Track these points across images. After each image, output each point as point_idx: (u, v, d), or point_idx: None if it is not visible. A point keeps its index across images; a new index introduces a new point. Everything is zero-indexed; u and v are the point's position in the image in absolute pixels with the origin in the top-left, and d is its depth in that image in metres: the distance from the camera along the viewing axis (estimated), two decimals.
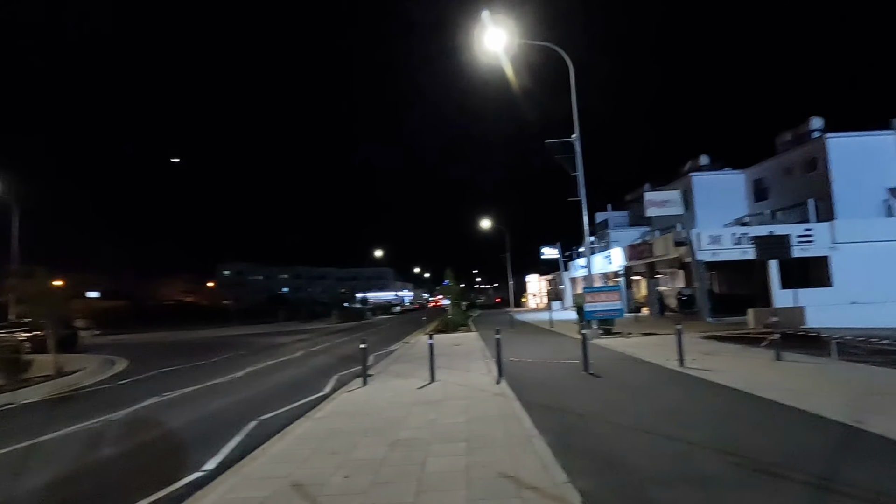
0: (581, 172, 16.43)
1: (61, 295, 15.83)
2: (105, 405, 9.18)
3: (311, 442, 5.91)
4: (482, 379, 9.72)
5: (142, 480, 5.12)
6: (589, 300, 15.53)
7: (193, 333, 34.68)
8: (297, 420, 7.14)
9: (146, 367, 14.91)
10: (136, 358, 18.13)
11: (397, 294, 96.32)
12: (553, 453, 4.96)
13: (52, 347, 13.48)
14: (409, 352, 15.49)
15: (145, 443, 6.72)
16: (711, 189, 33.02)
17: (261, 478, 4.78)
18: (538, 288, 58.10)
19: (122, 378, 13.04)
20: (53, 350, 13.39)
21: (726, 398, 7.16)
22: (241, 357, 17.04)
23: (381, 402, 7.93)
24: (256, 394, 9.86)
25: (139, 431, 7.32)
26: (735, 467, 4.46)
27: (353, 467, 4.91)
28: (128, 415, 8.36)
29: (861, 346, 11.66)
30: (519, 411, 6.85)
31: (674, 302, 26.18)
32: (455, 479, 4.46)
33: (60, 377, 12.41)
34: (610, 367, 10.25)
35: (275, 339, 25.77)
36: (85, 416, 8.22)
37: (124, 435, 7.17)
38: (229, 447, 6.14)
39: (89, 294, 58.91)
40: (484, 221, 49.85)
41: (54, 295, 14.68)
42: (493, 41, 15.52)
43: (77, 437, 7.07)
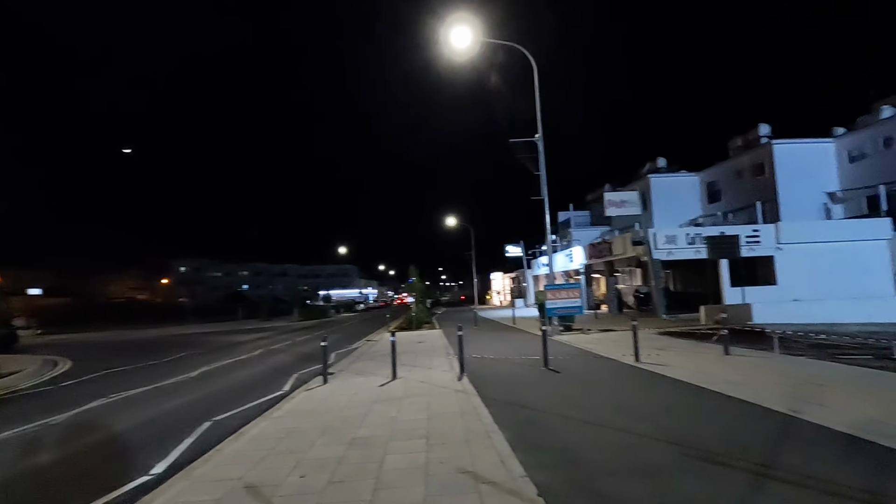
0: (543, 172, 16.69)
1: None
2: (45, 408, 8.65)
3: (267, 442, 5.77)
4: (444, 376, 9.75)
5: (84, 486, 4.87)
6: (550, 297, 15.84)
7: (145, 332, 33.20)
8: (254, 420, 6.95)
9: (92, 368, 14.15)
10: (82, 358, 17.20)
11: (361, 291, 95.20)
12: (511, 448, 5.03)
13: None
14: (372, 349, 15.35)
15: (89, 447, 6.38)
16: (668, 190, 34.32)
17: (212, 480, 4.62)
18: (502, 285, 58.81)
19: (65, 380, 12.33)
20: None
21: (677, 391, 7.45)
22: (196, 356, 16.44)
23: (341, 401, 7.83)
24: (211, 394, 9.54)
25: (82, 435, 6.94)
26: (682, 457, 4.64)
27: (310, 467, 4.82)
28: (70, 418, 7.91)
29: (801, 340, 12.39)
30: (479, 407, 6.91)
31: (631, 299, 27.06)
32: (413, 475, 4.44)
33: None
34: (569, 363, 10.48)
35: (233, 337, 25.01)
36: (23, 420, 7.73)
37: (66, 439, 6.78)
38: (180, 449, 5.91)
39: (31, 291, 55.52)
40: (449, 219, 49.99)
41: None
42: (458, 40, 15.54)
43: (13, 443, 6.64)
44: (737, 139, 32.20)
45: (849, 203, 26.67)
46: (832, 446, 4.78)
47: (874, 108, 27.22)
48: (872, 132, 25.72)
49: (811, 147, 27.59)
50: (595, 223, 41.88)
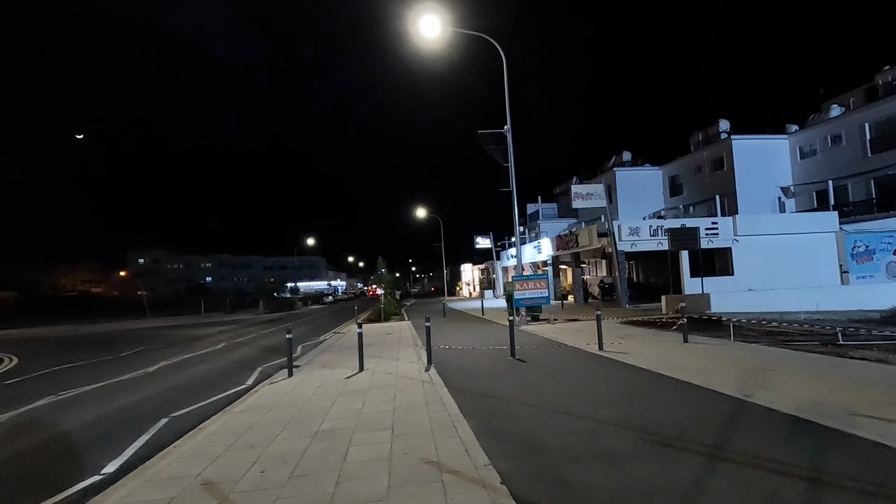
0: (512, 164, 16.78)
1: None
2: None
3: (226, 438, 5.61)
4: (411, 367, 9.72)
5: (30, 487, 4.63)
6: (518, 288, 16.02)
7: (100, 327, 31.79)
8: (214, 416, 6.75)
9: (40, 365, 13.45)
10: (29, 354, 16.35)
11: (330, 283, 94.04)
12: (476, 437, 5.06)
13: None
14: (339, 342, 15.18)
15: (35, 446, 6.06)
16: (632, 183, 35.21)
17: (167, 478, 4.46)
18: (472, 277, 59.14)
19: (10, 377, 11.67)
20: None
21: (638, 378, 7.66)
22: (155, 351, 15.87)
23: (305, 394, 7.70)
24: (169, 389, 9.22)
25: (28, 434, 6.59)
26: (640, 442, 4.77)
27: (271, 461, 4.72)
28: (14, 417, 7.50)
29: (754, 328, 12.95)
30: (445, 397, 6.92)
31: (596, 290, 27.67)
32: (377, 467, 4.41)
33: None
34: (535, 353, 10.63)
35: (194, 331, 24.27)
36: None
37: (10, 439, 6.41)
38: (134, 447, 5.68)
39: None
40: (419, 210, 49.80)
41: None
42: (427, 29, 15.37)
43: None
44: (698, 134, 33.24)
45: (800, 197, 28.01)
46: (779, 427, 5.01)
47: (824, 107, 28.57)
48: (822, 130, 27.00)
49: (767, 143, 28.76)
50: (563, 215, 42.58)
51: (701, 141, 32.63)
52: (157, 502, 3.96)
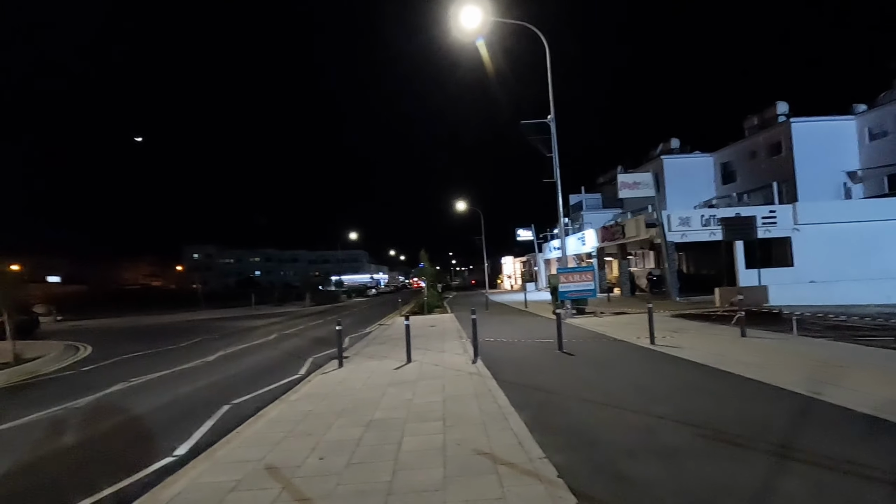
0: (556, 154, 16.47)
1: (15, 279, 15.11)
2: (68, 392, 8.86)
3: (285, 425, 5.84)
4: (458, 359, 9.78)
5: (109, 467, 4.98)
6: (563, 281, 15.76)
7: (160, 318, 33.76)
8: (272, 403, 7.05)
9: (111, 353, 14.45)
10: (101, 344, 17.56)
11: (372, 276, 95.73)
12: (528, 429, 5.04)
13: (11, 334, 12.88)
14: (385, 333, 15.46)
15: (112, 429, 6.52)
16: (681, 171, 33.80)
17: (233, 461, 4.69)
18: (513, 269, 58.72)
19: (86, 364, 12.60)
20: (11, 336, 12.80)
21: (694, 373, 7.40)
22: (212, 341, 16.69)
23: (356, 384, 7.90)
24: (228, 378, 9.68)
25: (105, 418, 7.10)
26: (701, 438, 4.61)
27: (328, 449, 4.88)
28: (93, 401, 8.09)
29: (818, 322, 12.22)
30: (494, 389, 6.93)
31: (644, 282, 26.87)
32: (431, 457, 4.47)
33: (19, 364, 11.90)
34: (583, 346, 10.46)
35: (246, 322, 25.34)
36: (47, 404, 7.93)
37: (90, 422, 6.93)
38: (201, 432, 6.02)
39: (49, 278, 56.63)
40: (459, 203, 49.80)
41: (10, 278, 14.02)
42: (468, 19, 15.26)
43: (39, 425, 6.81)
44: (752, 118, 31.45)
45: (869, 182, 26.06)
46: (853, 427, 4.72)
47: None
48: (894, 109, 24.95)
49: (830, 125, 26.87)
50: (607, 206, 41.47)
51: (756, 125, 30.87)
52: (225, 483, 4.18)
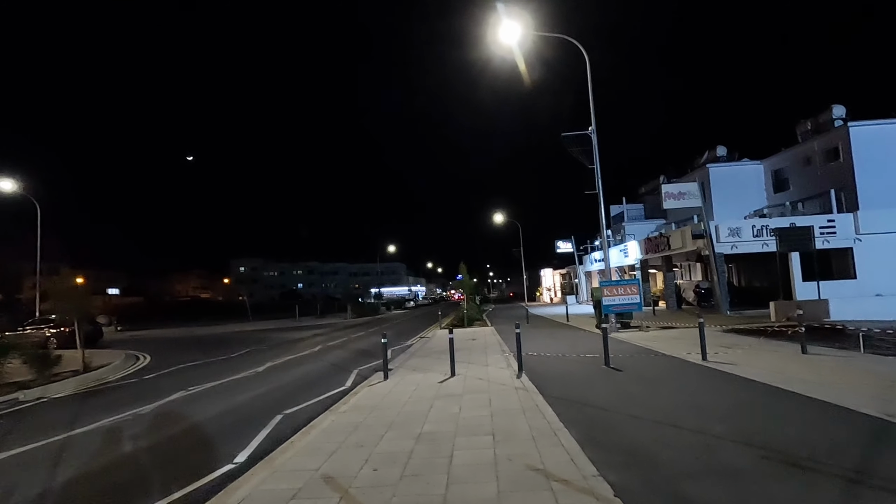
0: (598, 165, 16.30)
1: (85, 291, 16.17)
2: (133, 399, 9.39)
3: (336, 435, 5.99)
4: (502, 373, 9.74)
5: (176, 472, 5.25)
6: (607, 294, 15.46)
7: (210, 329, 35.19)
8: (322, 414, 7.24)
9: (168, 362, 15.20)
10: (158, 353, 18.48)
11: (410, 289, 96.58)
12: (580, 446, 4.98)
13: (80, 343, 13.79)
14: (427, 346, 15.57)
15: (176, 435, 6.86)
16: (729, 180, 32.55)
17: (292, 470, 4.86)
18: (552, 282, 57.88)
19: (147, 373, 13.30)
20: (81, 346, 13.70)
21: (752, 391, 7.10)
22: (260, 352, 17.27)
23: (402, 397, 8.00)
24: (278, 388, 10.00)
25: (169, 424, 7.48)
26: (764, 461, 4.42)
27: (381, 460, 4.98)
28: (156, 408, 8.54)
29: (888, 338, 11.45)
30: (542, 405, 6.87)
31: (691, 295, 25.94)
32: (483, 471, 4.49)
33: (87, 372, 12.70)
34: (630, 361, 10.21)
35: (291, 334, 26.06)
36: (114, 410, 8.43)
37: (154, 428, 7.33)
38: (258, 440, 6.25)
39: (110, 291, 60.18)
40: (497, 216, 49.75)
41: (78, 292, 15.01)
42: (506, 33, 15.44)
43: (108, 431, 7.25)
44: (805, 123, 30.00)
45: None
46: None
47: None
48: None
49: (893, 128, 25.30)
50: (649, 216, 40.42)
51: (810, 130, 29.42)
52: (286, 491, 4.34)
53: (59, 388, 10.98)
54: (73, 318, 14.32)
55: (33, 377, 11.22)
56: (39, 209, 26.59)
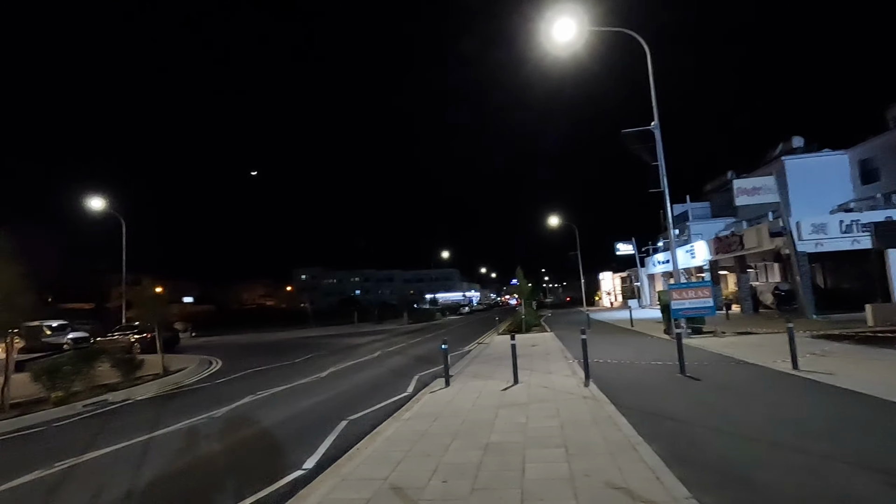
0: (662, 162, 15.45)
1: (163, 300, 17.26)
2: (207, 403, 9.81)
3: (402, 444, 5.89)
4: (567, 381, 9.33)
5: (247, 476, 5.34)
6: (676, 297, 14.54)
7: (275, 335, 36.68)
8: (385, 421, 7.19)
9: (238, 367, 15.87)
10: (228, 358, 19.40)
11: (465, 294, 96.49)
12: (665, 463, 4.57)
13: (160, 348, 14.69)
14: (485, 352, 15.31)
15: (246, 439, 7.04)
16: (807, 173, 29.91)
17: (360, 479, 4.79)
18: (612, 286, 55.81)
19: (219, 377, 13.93)
20: (161, 350, 14.60)
21: (859, 405, 6.32)
22: (322, 358, 17.69)
23: (465, 404, 7.81)
24: (341, 394, 10.11)
25: (240, 428, 7.70)
26: (888, 487, 3.84)
27: (450, 471, 4.80)
28: (228, 412, 8.85)
29: None
30: (615, 415, 6.45)
31: (769, 298, 24.02)
32: (559, 487, 4.20)
33: (167, 375, 13.49)
34: (708, 370, 9.47)
35: (351, 339, 26.61)
36: (190, 413, 8.82)
37: (227, 431, 7.57)
38: (324, 446, 6.26)
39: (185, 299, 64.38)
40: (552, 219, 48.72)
41: (158, 300, 16.04)
42: (561, 30, 15.04)
43: (186, 433, 7.56)
44: None
45: None
46: None
47: None
48: None
49: None
50: (716, 215, 38.00)
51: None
52: (355, 501, 4.26)
53: (142, 391, 11.70)
54: (154, 324, 15.29)
55: (120, 380, 12.04)
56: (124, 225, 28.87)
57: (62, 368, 10.46)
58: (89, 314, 50.89)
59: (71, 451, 6.74)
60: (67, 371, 10.49)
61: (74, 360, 10.93)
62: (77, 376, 10.67)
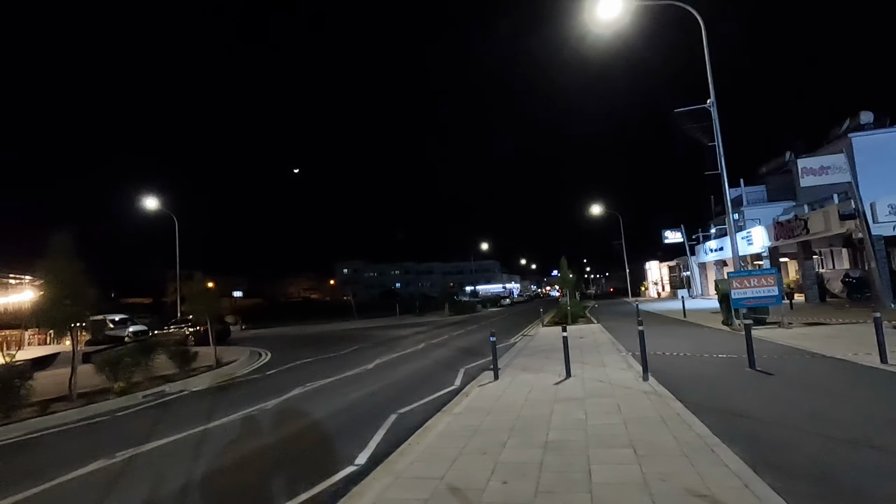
0: (719, 141, 14.48)
1: (215, 294, 17.78)
2: (258, 394, 9.93)
3: (455, 440, 5.65)
4: (623, 375, 8.85)
5: (300, 470, 5.25)
6: (736, 286, 13.66)
7: (320, 327, 37.44)
8: (436, 415, 6.98)
9: (285, 359, 16.15)
10: (276, 350, 19.83)
11: (505, 286, 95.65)
12: (751, 468, 4.11)
13: (213, 341, 15.13)
14: (531, 345, 14.89)
15: (297, 432, 7.00)
16: (878, 151, 27.48)
17: (415, 478, 4.58)
18: (659, 275, 53.79)
19: (268, 369, 14.19)
20: (214, 343, 15.03)
21: None
22: (367, 349, 17.77)
23: (517, 399, 7.50)
24: (389, 386, 10.01)
25: (290, 420, 7.70)
26: None
27: (509, 471, 4.52)
28: (279, 404, 8.90)
29: None
30: (684, 413, 5.97)
31: (838, 286, 22.34)
32: (633, 494, 3.84)
33: (219, 367, 13.86)
34: (780, 364, 8.75)
35: (393, 331, 26.73)
36: (243, 405, 8.93)
37: (278, 423, 7.58)
38: (375, 441, 6.11)
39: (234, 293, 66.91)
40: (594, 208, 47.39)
41: (210, 294, 16.51)
42: (606, 6, 14.31)
43: (239, 424, 7.62)
44: None
45: None
46: None
47: None
48: None
49: None
50: (773, 198, 35.71)
51: None
52: (412, 502, 4.05)
53: (197, 382, 12.04)
54: (207, 318, 15.76)
55: (176, 371, 12.44)
56: (177, 223, 30.09)
57: (123, 360, 10.87)
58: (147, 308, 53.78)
59: (133, 441, 6.91)
60: (128, 363, 10.89)
61: (134, 353, 11.35)
62: (137, 368, 11.07)
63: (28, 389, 9.20)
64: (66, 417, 8.92)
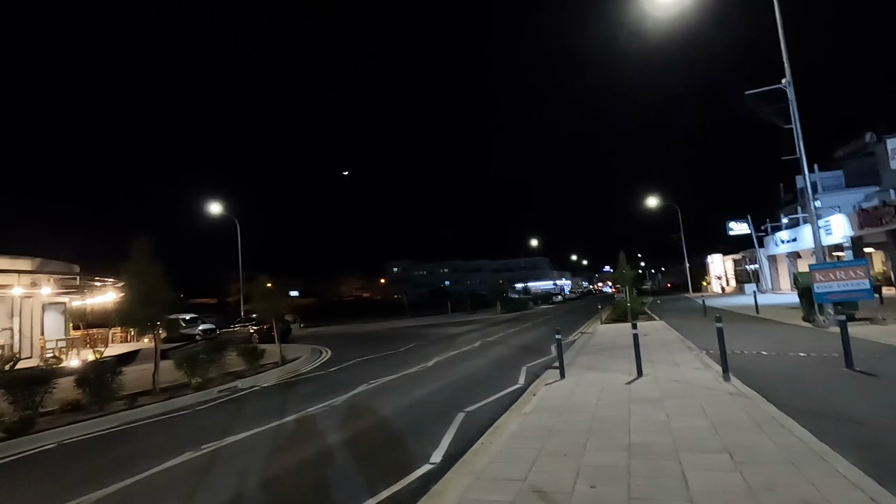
0: (797, 123, 13.44)
1: (277, 294, 18.44)
2: (325, 391, 10.16)
3: (530, 441, 5.49)
4: (700, 374, 8.35)
5: (376, 468, 5.27)
6: (819, 279, 12.63)
7: (373, 325, 38.13)
8: (504, 414, 6.87)
9: (346, 356, 16.50)
10: (336, 347, 20.33)
11: (555, 283, 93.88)
12: (875, 480, 3.70)
13: (278, 338, 15.69)
14: (592, 342, 14.43)
15: (368, 429, 7.06)
16: None
17: (495, 479, 4.47)
18: (722, 269, 50.95)
19: (331, 366, 14.54)
20: (279, 341, 15.59)
21: None
22: (423, 347, 17.86)
23: (589, 398, 7.23)
24: (451, 384, 9.96)
25: (360, 417, 7.79)
26: None
27: (595, 475, 4.31)
28: (346, 400, 9.06)
29: None
30: (779, 416, 5.52)
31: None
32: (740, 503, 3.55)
33: (284, 364, 14.35)
34: (883, 363, 7.98)
35: (447, 329, 26.77)
36: (312, 401, 9.15)
37: (348, 420, 7.68)
38: (447, 439, 6.06)
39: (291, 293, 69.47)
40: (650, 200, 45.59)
41: (273, 294, 17.13)
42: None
43: (311, 420, 7.80)
44: None
45: None
46: None
47: None
48: None
49: None
50: (851, 184, 32.89)
51: None
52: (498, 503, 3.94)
53: (265, 378, 12.50)
54: (271, 317, 16.36)
55: (245, 368, 12.98)
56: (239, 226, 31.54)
57: (199, 357, 11.44)
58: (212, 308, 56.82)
59: (215, 434, 7.22)
60: (203, 359, 11.46)
61: (208, 350, 11.93)
62: (211, 364, 11.63)
63: (118, 384, 9.87)
64: (152, 410, 9.48)
